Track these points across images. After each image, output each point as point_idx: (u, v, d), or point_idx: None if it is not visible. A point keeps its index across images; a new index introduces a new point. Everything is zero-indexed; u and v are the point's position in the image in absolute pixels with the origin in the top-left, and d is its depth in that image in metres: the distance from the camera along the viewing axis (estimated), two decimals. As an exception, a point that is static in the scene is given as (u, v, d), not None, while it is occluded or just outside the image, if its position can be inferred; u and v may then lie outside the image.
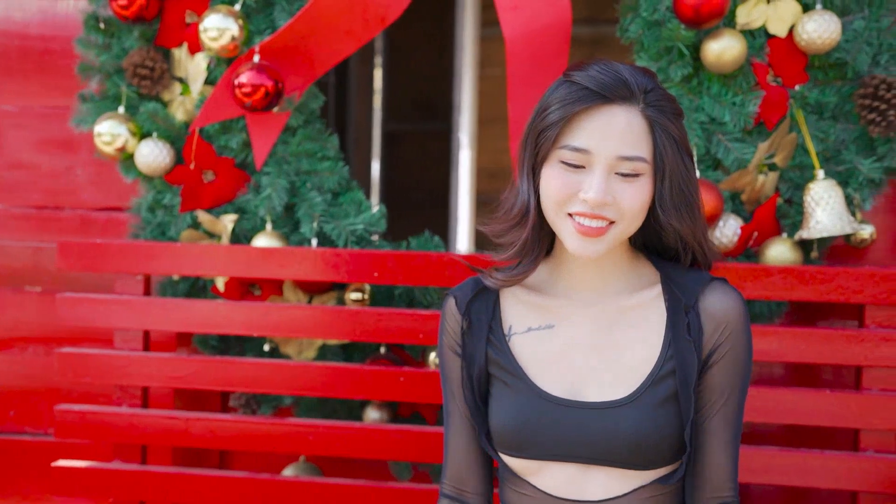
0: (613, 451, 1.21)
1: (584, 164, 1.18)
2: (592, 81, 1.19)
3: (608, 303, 1.27)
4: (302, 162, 1.92)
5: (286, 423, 1.84)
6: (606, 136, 1.18)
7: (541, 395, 1.24)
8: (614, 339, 1.26)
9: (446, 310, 1.34)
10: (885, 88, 1.72)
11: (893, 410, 1.64)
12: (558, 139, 1.19)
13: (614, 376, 1.24)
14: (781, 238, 1.78)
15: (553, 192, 1.20)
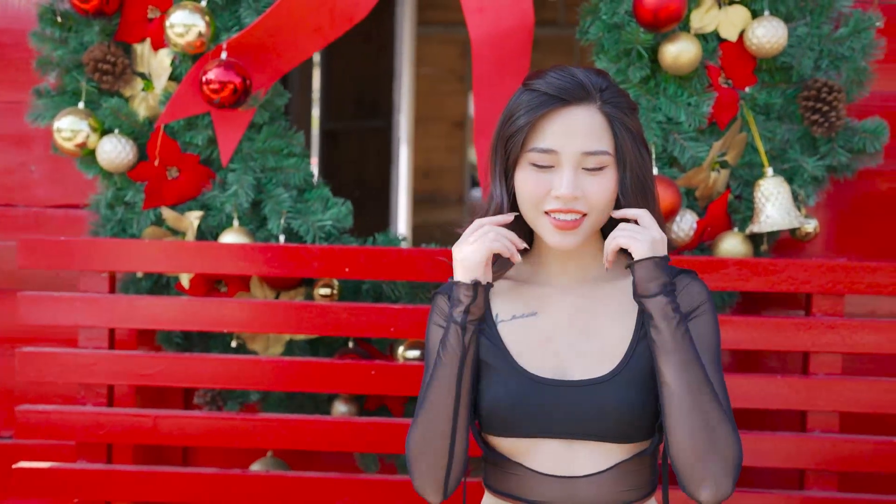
0: (600, 424, 1.27)
1: (552, 164, 1.26)
2: (551, 87, 1.26)
3: (586, 290, 1.35)
4: (268, 159, 1.93)
5: (256, 418, 1.85)
6: (570, 136, 1.25)
7: (528, 376, 1.30)
8: (593, 323, 1.33)
9: (438, 306, 1.38)
10: (826, 91, 1.83)
11: (838, 393, 1.75)
12: (526, 143, 1.26)
13: (596, 357, 1.31)
14: (733, 232, 1.88)
15: (528, 194, 1.28)
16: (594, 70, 1.31)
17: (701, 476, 1.22)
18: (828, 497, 1.76)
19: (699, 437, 1.21)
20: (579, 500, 1.29)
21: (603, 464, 1.29)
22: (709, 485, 1.22)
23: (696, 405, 1.22)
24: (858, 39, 1.87)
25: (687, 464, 1.22)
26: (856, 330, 1.73)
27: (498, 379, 1.32)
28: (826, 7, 1.88)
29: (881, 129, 1.86)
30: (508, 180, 1.30)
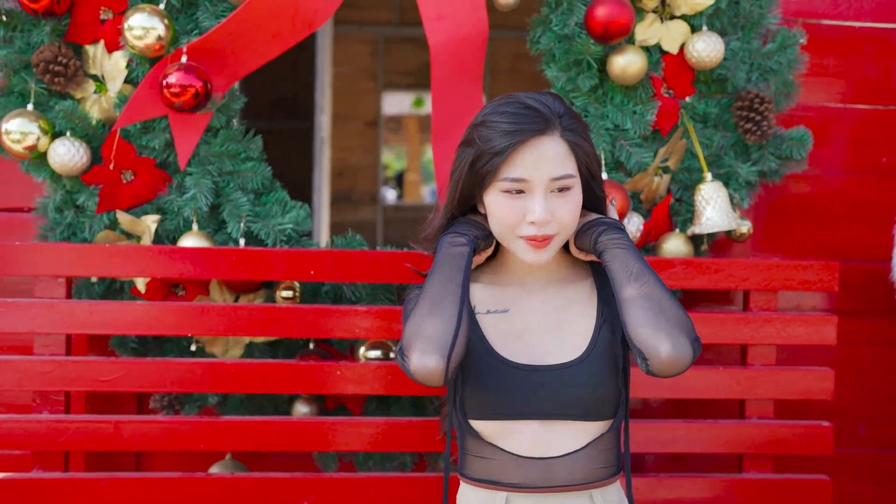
0: (574, 403, 1.38)
1: (523, 189, 1.37)
2: (516, 122, 1.37)
3: (552, 291, 1.48)
4: (225, 162, 1.94)
5: (220, 420, 1.85)
6: (538, 164, 1.37)
7: (504, 362, 1.41)
8: (561, 318, 1.45)
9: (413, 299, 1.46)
10: (759, 102, 1.96)
11: (773, 382, 1.89)
12: (497, 173, 1.37)
13: (566, 345, 1.43)
14: (675, 233, 2.00)
15: (503, 218, 1.39)
16: (549, 94, 1.42)
17: (656, 338, 1.30)
18: (764, 478, 1.90)
19: (652, 311, 1.32)
20: (556, 479, 1.39)
21: (577, 443, 1.40)
22: (665, 340, 1.30)
23: (643, 279, 1.35)
24: (785, 54, 2.01)
25: (644, 334, 1.31)
26: (789, 323, 1.88)
27: (479, 365, 1.41)
28: (755, 24, 2.01)
29: (806, 137, 2.01)
30: (476, 200, 1.43)
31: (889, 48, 2.17)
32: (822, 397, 1.89)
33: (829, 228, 2.18)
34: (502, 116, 1.38)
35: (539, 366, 1.40)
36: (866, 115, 2.18)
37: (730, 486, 1.90)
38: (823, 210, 2.19)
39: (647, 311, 1.32)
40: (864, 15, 2.15)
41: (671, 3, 1.96)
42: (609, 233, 1.40)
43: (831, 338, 1.88)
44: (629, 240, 1.40)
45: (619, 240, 1.38)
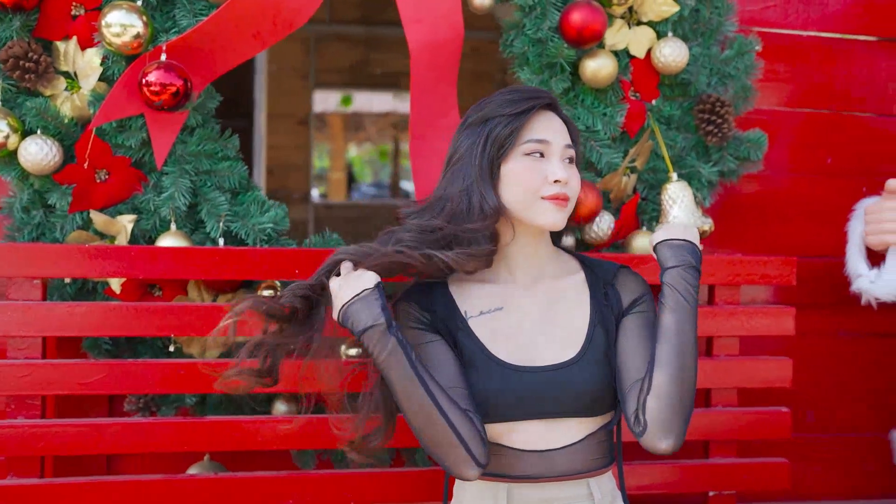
0: (572, 401, 1.43)
1: (544, 153, 1.44)
2: (527, 93, 1.47)
3: (544, 286, 1.51)
4: (202, 162, 1.92)
5: (202, 421, 1.84)
6: (554, 130, 1.46)
7: (505, 365, 1.43)
8: (554, 314, 1.49)
9: (407, 312, 1.48)
10: (719, 105, 2.06)
11: (737, 372, 1.99)
12: (520, 136, 1.43)
13: (561, 343, 1.46)
14: (643, 231, 2.08)
15: (528, 181, 1.43)
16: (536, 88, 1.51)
17: (669, 427, 1.36)
18: (729, 463, 2.00)
19: (682, 389, 1.36)
20: (557, 470, 1.44)
21: (576, 436, 1.45)
22: (672, 434, 1.37)
23: (687, 362, 1.37)
24: (742, 60, 2.12)
25: (662, 412, 1.35)
26: (752, 316, 1.98)
27: (478, 371, 1.44)
28: (714, 31, 2.12)
29: (762, 139, 2.12)
30: (494, 177, 1.44)
31: (833, 56, 2.31)
32: (781, 385, 2.00)
33: (778, 226, 2.31)
34: (507, 94, 1.46)
35: (537, 367, 1.43)
36: (813, 118, 2.31)
37: (697, 471, 1.99)
38: (772, 208, 2.31)
39: (674, 392, 1.35)
40: (810, 24, 2.28)
41: (638, 9, 2.04)
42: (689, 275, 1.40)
43: (790, 329, 2.00)
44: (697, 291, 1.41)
45: (692, 289, 1.39)
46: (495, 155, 1.43)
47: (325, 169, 9.95)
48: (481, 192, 1.43)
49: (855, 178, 2.32)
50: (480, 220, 1.42)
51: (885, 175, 2.32)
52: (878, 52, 2.32)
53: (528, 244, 1.49)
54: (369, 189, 11.10)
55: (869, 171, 2.33)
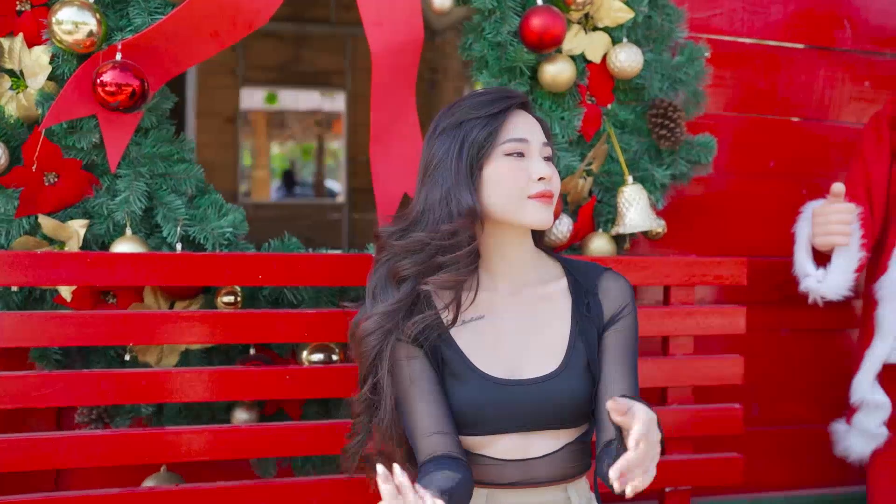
0: (553, 415, 1.43)
1: (524, 152, 1.42)
2: (500, 93, 1.46)
3: (526, 292, 1.50)
4: (157, 164, 1.87)
5: (160, 431, 1.78)
6: (531, 129, 1.45)
7: (487, 378, 1.42)
8: (535, 323, 1.48)
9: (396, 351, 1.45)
10: (672, 110, 2.11)
11: (692, 370, 2.04)
12: (498, 137, 1.41)
13: (542, 354, 1.46)
14: (599, 233, 2.11)
15: (511, 181, 1.41)
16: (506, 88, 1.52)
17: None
18: (685, 459, 2.05)
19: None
20: (536, 478, 1.45)
21: (555, 446, 1.46)
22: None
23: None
24: (692, 66, 2.17)
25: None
26: (707, 315, 2.03)
27: (459, 383, 1.43)
28: (666, 37, 2.16)
29: (712, 143, 2.18)
30: (475, 181, 1.41)
31: (775, 63, 2.39)
32: (734, 382, 2.06)
33: (722, 226, 2.37)
34: (478, 96, 1.45)
35: (517, 380, 1.43)
36: (756, 123, 2.39)
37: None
38: (716, 210, 2.38)
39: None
40: (755, 32, 2.36)
41: (594, 15, 2.07)
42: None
43: (742, 327, 2.06)
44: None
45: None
46: (474, 158, 1.40)
47: (248, 167, 9.77)
48: (457, 195, 1.40)
49: (795, 181, 2.41)
50: (457, 221, 1.39)
51: (823, 178, 2.42)
52: (817, 59, 2.42)
53: (511, 249, 1.47)
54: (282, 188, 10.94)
55: (808, 174, 2.42)
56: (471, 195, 1.40)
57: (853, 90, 2.45)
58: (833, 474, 2.41)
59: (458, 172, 1.41)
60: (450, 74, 6.23)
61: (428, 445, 1.39)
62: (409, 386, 1.43)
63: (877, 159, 2.13)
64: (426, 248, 1.41)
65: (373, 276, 1.48)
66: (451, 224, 1.39)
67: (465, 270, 1.41)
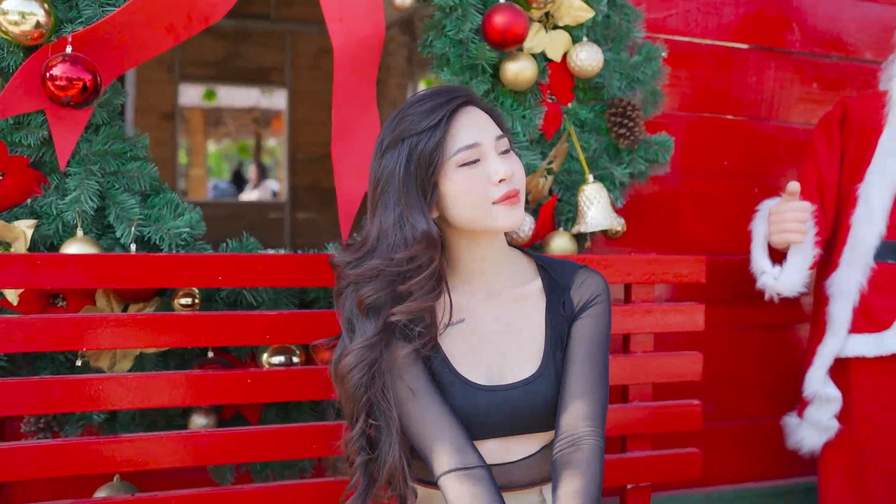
0: (532, 420, 1.42)
1: (478, 157, 1.35)
2: (436, 100, 1.36)
3: (503, 294, 1.47)
4: (108, 162, 1.80)
5: (113, 439, 1.71)
6: (481, 127, 1.37)
7: (470, 384, 1.40)
8: (513, 325, 1.46)
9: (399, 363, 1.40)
10: (631, 109, 2.12)
11: (653, 368, 2.06)
12: (447, 150, 1.34)
13: (521, 357, 1.44)
14: (560, 231, 2.11)
15: (472, 190, 1.34)
16: (447, 84, 1.46)
17: None
18: (645, 456, 2.07)
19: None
20: (513, 481, 1.43)
21: (532, 449, 1.44)
22: None
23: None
24: (650, 66, 2.19)
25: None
26: (666, 313, 2.05)
27: (443, 389, 1.39)
28: (624, 37, 2.17)
29: (669, 142, 2.19)
30: (431, 199, 1.34)
31: (728, 63, 2.42)
32: (693, 379, 2.08)
33: (676, 224, 2.40)
34: (419, 105, 1.35)
35: (498, 385, 1.40)
36: (710, 122, 2.42)
37: (616, 465, 2.04)
38: (670, 208, 2.40)
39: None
40: (709, 33, 2.39)
41: (555, 13, 2.06)
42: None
43: (700, 324, 2.08)
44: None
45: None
46: (424, 176, 1.32)
47: (184, 165, 9.57)
48: (410, 220, 1.33)
49: (748, 180, 2.45)
50: (413, 247, 1.33)
51: (774, 177, 2.47)
52: (768, 61, 2.46)
53: (485, 250, 1.43)
54: (229, 187, 10.76)
55: (760, 174, 2.47)
56: (424, 218, 1.33)
57: (802, 91, 2.51)
58: (785, 466, 2.47)
59: (408, 194, 1.33)
60: (392, 72, 6.19)
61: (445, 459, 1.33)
62: (415, 395, 1.37)
63: (828, 159, 2.18)
64: (381, 275, 1.34)
65: (342, 307, 1.40)
66: (406, 251, 1.33)
67: (430, 295, 1.35)
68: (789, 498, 2.52)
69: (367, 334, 1.35)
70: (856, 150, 2.15)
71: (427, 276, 1.34)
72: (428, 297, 1.35)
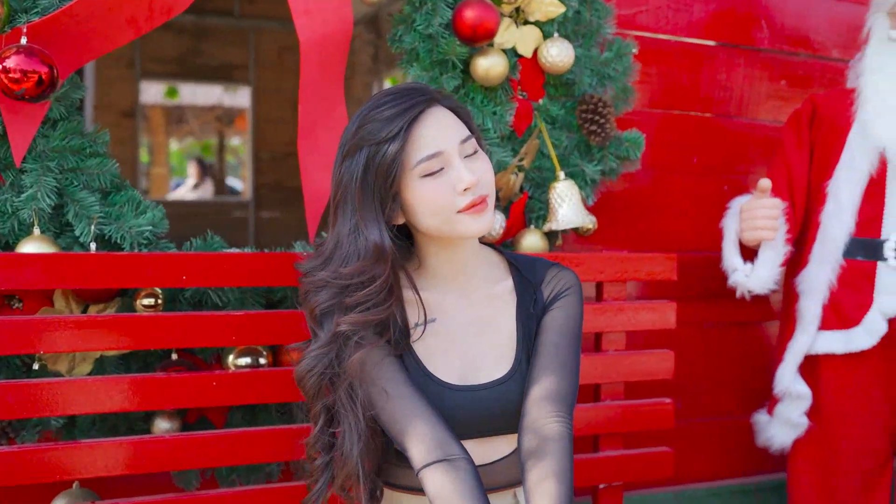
0: (506, 420, 1.39)
1: (442, 166, 1.31)
2: (397, 105, 1.30)
3: (475, 293, 1.44)
4: (66, 158, 1.74)
5: (72, 445, 1.65)
6: (442, 132, 1.31)
7: (442, 384, 1.37)
8: (486, 324, 1.43)
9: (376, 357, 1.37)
10: (602, 106, 2.10)
11: (625, 366, 2.04)
12: (408, 160, 1.29)
13: (494, 357, 1.41)
14: (531, 229, 2.08)
15: (437, 201, 1.30)
16: (410, 82, 1.39)
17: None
18: (617, 455, 2.05)
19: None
20: (488, 483, 1.40)
21: (505, 451, 1.42)
22: None
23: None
24: (621, 62, 2.17)
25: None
26: (638, 311, 2.03)
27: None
28: (594, 33, 2.15)
29: (640, 139, 2.18)
30: (391, 209, 1.31)
31: (698, 60, 2.42)
32: (665, 377, 2.07)
33: (645, 222, 2.39)
34: (381, 108, 1.30)
35: (471, 385, 1.38)
36: (680, 119, 2.41)
37: (588, 465, 2.02)
38: (640, 205, 2.39)
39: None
40: (679, 30, 2.38)
41: (525, 9, 2.04)
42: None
43: (672, 322, 2.07)
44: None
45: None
46: (383, 186, 1.29)
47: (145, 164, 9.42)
48: (364, 231, 1.30)
49: (717, 177, 2.45)
50: (361, 262, 1.30)
51: (744, 175, 2.47)
52: (737, 58, 2.46)
53: (456, 254, 1.40)
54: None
55: (729, 171, 2.47)
56: (379, 230, 1.30)
57: (770, 88, 2.51)
58: (755, 463, 2.47)
59: (365, 204, 1.30)
60: (358, 70, 6.14)
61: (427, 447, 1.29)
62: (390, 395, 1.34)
63: (797, 156, 2.18)
64: (329, 286, 1.32)
65: (306, 311, 1.39)
66: (353, 266, 1.31)
67: (378, 309, 1.32)
68: (760, 495, 2.52)
69: (320, 341, 1.35)
70: (825, 146, 2.15)
71: (374, 291, 1.31)
72: (375, 311, 1.32)
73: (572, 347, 1.42)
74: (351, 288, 1.31)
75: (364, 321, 1.31)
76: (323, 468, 1.41)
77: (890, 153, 2.01)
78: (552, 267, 1.48)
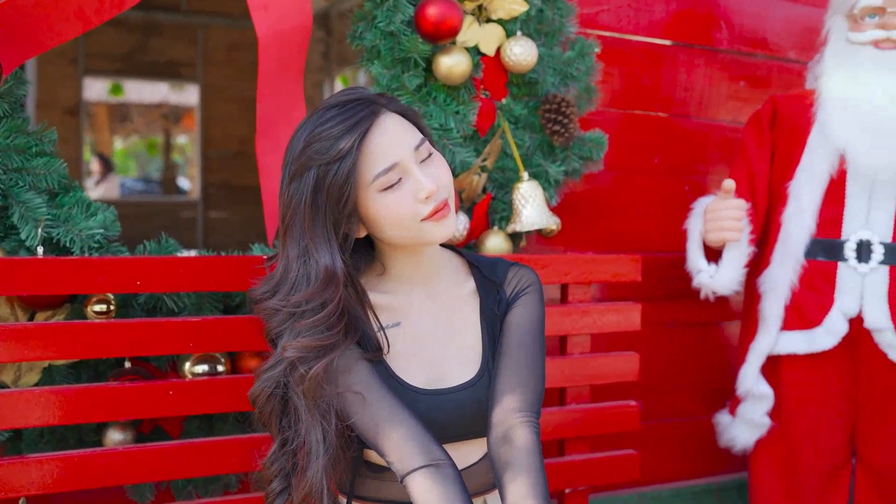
0: (473, 424, 1.36)
1: (400, 177, 1.28)
2: (345, 121, 1.26)
3: (440, 296, 1.42)
4: (11, 158, 1.65)
5: (18, 460, 1.57)
6: (395, 142, 1.28)
7: (409, 388, 1.33)
8: (451, 327, 1.40)
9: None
10: (565, 105, 2.08)
11: (591, 369, 2.02)
12: (364, 177, 1.26)
13: (461, 360, 1.39)
14: (495, 230, 2.05)
15: (400, 213, 1.27)
16: (351, 88, 1.35)
17: None
18: (583, 459, 2.03)
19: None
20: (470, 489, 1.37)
21: (475, 457, 1.40)
22: None
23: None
24: (583, 62, 2.15)
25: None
26: (603, 313, 2.02)
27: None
28: (557, 32, 2.13)
29: (603, 139, 2.16)
30: (350, 225, 1.28)
31: (659, 61, 2.41)
32: (630, 379, 2.06)
33: (607, 222, 2.38)
34: (328, 124, 1.25)
35: (439, 389, 1.35)
36: (641, 119, 2.40)
37: (554, 469, 2.00)
38: (604, 206, 2.38)
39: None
40: (640, 30, 2.37)
41: (488, 6, 2.00)
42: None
43: (637, 324, 2.06)
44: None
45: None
46: (336, 208, 1.25)
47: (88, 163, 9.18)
48: (315, 255, 1.26)
49: (678, 177, 2.44)
50: (311, 288, 1.26)
51: (704, 175, 2.47)
52: (697, 58, 2.46)
53: (419, 260, 1.38)
54: (135, 184, 10.37)
55: (690, 171, 2.47)
56: (330, 253, 1.26)
57: (730, 89, 2.52)
58: (717, 464, 2.47)
59: (315, 227, 1.26)
60: (308, 68, 6.05)
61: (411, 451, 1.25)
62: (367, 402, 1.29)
63: (759, 157, 2.19)
64: (278, 313, 1.29)
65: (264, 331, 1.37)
66: (302, 293, 1.26)
67: (328, 334, 1.28)
68: (722, 495, 2.53)
69: (269, 363, 1.32)
70: (786, 147, 2.16)
71: (322, 318, 1.27)
72: (324, 336, 1.28)
73: (536, 346, 1.40)
74: (299, 315, 1.28)
75: (313, 346, 1.27)
76: (279, 491, 1.36)
77: (849, 154, 2.03)
78: (513, 266, 1.47)
